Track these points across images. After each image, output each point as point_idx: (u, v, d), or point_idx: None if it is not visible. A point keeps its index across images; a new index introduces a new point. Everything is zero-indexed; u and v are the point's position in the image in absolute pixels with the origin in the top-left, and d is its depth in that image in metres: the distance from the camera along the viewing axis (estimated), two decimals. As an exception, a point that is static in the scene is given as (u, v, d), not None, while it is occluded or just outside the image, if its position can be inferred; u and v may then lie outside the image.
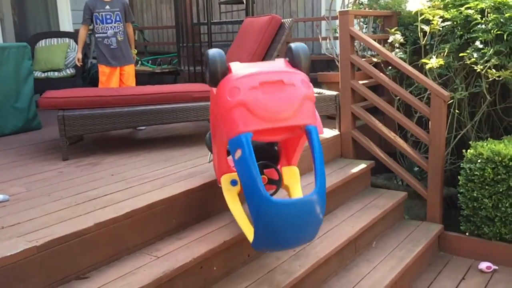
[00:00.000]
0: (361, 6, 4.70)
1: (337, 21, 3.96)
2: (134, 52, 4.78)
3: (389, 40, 4.16)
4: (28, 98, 4.44)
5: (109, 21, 4.47)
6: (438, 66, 3.72)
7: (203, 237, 2.44)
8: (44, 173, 3.03)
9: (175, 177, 2.84)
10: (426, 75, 3.79)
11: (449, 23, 3.84)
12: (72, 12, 6.68)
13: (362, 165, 3.72)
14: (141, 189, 2.62)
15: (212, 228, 2.54)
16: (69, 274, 2.04)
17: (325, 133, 3.82)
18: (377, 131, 3.87)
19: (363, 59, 4.03)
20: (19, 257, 1.87)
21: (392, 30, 4.14)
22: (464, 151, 3.38)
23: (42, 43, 6.07)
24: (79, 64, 4.75)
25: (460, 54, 3.76)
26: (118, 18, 4.50)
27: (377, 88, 4.33)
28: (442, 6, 3.96)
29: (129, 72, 4.66)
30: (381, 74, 3.87)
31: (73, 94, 3.52)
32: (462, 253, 3.49)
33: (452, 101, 3.78)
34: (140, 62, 6.57)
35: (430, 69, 3.78)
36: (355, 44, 4.14)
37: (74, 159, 3.37)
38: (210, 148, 2.72)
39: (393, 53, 4.05)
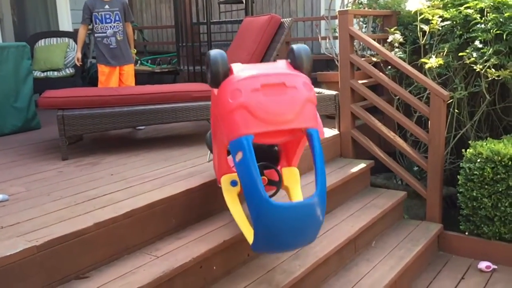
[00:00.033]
0: (361, 5, 4.70)
1: (337, 20, 3.96)
2: (133, 51, 4.77)
3: (389, 40, 4.16)
4: (27, 97, 4.44)
5: (108, 20, 4.47)
6: (437, 65, 3.72)
7: (202, 237, 2.44)
8: (43, 173, 3.03)
9: (175, 176, 2.84)
10: (425, 74, 3.79)
11: (448, 22, 3.85)
12: (72, 11, 6.68)
13: (362, 165, 3.72)
14: (141, 189, 2.62)
15: (211, 228, 2.55)
16: (69, 273, 2.04)
17: (325, 132, 3.82)
18: (376, 131, 3.87)
19: (363, 59, 4.03)
20: (18, 256, 1.87)
21: (392, 29, 4.15)
22: (463, 150, 3.38)
23: (42, 42, 6.07)
24: (78, 63, 4.75)
25: (460, 54, 3.76)
26: (117, 18, 4.49)
27: (377, 88, 4.33)
28: (441, 5, 3.96)
29: (129, 71, 4.66)
30: (381, 73, 3.87)
31: (72, 94, 3.52)
32: (462, 253, 3.50)
33: (451, 100, 3.78)
34: (139, 61, 6.56)
35: (430, 68, 3.78)
36: (355, 43, 4.14)
37: (74, 158, 3.37)
38: (210, 147, 2.71)
39: (393, 52, 4.05)
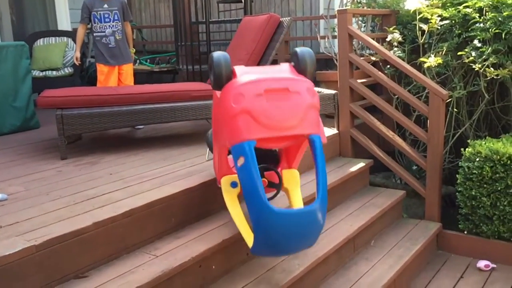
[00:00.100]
0: (360, 5, 4.70)
1: (336, 20, 3.95)
2: (132, 51, 4.77)
3: (388, 39, 4.16)
4: (26, 97, 4.44)
5: (107, 20, 4.46)
6: (436, 64, 3.72)
7: (202, 236, 2.44)
8: (42, 172, 3.03)
9: (174, 176, 2.84)
10: (424, 73, 3.79)
11: (447, 21, 3.85)
12: (70, 11, 6.67)
13: (361, 164, 3.72)
14: (140, 188, 2.62)
15: (211, 227, 2.55)
16: (68, 273, 2.04)
17: (324, 132, 3.82)
18: (375, 130, 3.87)
19: (362, 58, 4.03)
20: (17, 256, 1.87)
21: (391, 28, 4.15)
22: (462, 149, 3.38)
23: (40, 42, 6.06)
24: (77, 63, 4.75)
25: (459, 53, 3.76)
26: (116, 17, 4.49)
27: (376, 87, 4.34)
28: (440, 4, 3.96)
29: (128, 71, 4.65)
30: (380, 73, 3.87)
31: (71, 93, 3.51)
32: (461, 252, 3.50)
33: (450, 99, 3.78)
34: (138, 61, 6.56)
35: (429, 67, 3.78)
36: (354, 43, 4.14)
37: (73, 158, 3.37)
38: (210, 146, 2.70)
39: (392, 51, 4.05)
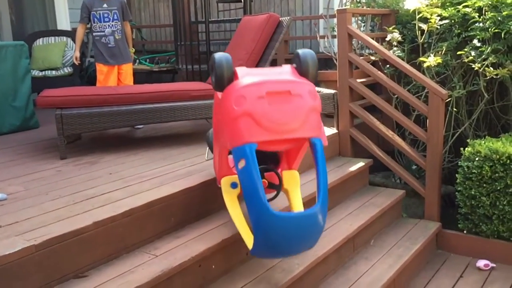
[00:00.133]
0: (359, 4, 4.70)
1: (335, 19, 3.96)
2: (132, 50, 4.77)
3: (387, 39, 4.16)
4: (25, 97, 4.44)
5: (106, 19, 4.46)
6: (436, 64, 3.72)
7: (201, 236, 2.44)
8: (42, 172, 3.03)
9: (174, 175, 2.84)
10: (424, 73, 3.79)
11: (446, 21, 3.85)
12: (70, 10, 6.67)
13: (360, 164, 3.72)
14: (139, 188, 2.62)
15: (210, 227, 2.55)
16: (68, 273, 2.04)
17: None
18: (375, 130, 3.87)
19: (361, 58, 4.03)
20: (17, 256, 1.87)
21: (390, 28, 4.15)
22: (462, 149, 3.38)
23: (40, 41, 6.06)
24: (77, 62, 4.75)
25: (458, 53, 3.76)
26: (115, 17, 4.49)
27: (375, 87, 4.34)
28: (439, 4, 3.96)
29: (127, 70, 4.65)
30: (379, 72, 3.87)
31: (71, 93, 3.51)
32: (460, 251, 3.50)
33: (450, 99, 3.78)
34: (138, 60, 6.56)
35: (428, 67, 3.78)
36: (353, 42, 4.14)
37: (72, 158, 3.37)
38: (210, 146, 2.70)
39: (391, 51, 4.05)
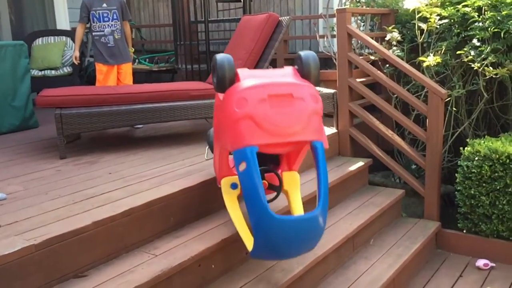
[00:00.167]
0: (359, 4, 4.70)
1: (335, 19, 3.95)
2: (131, 50, 4.77)
3: (387, 38, 4.16)
4: (25, 96, 4.44)
5: (106, 19, 4.46)
6: (435, 64, 3.72)
7: (201, 235, 2.44)
8: (41, 172, 3.03)
9: (173, 175, 2.84)
10: (423, 73, 3.80)
11: (446, 21, 3.85)
12: (69, 10, 6.67)
13: (360, 163, 3.72)
14: (139, 187, 2.62)
15: (210, 226, 2.55)
16: (67, 272, 2.04)
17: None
18: (374, 129, 3.87)
19: (361, 57, 4.03)
20: (17, 255, 1.87)
21: (390, 28, 4.14)
22: (461, 148, 3.38)
23: (39, 41, 6.05)
24: (76, 62, 4.74)
25: (458, 52, 3.76)
26: (115, 16, 4.48)
27: (375, 86, 4.34)
28: (439, 3, 3.96)
29: (127, 70, 4.65)
30: (379, 72, 3.87)
31: (70, 93, 3.51)
32: (460, 251, 3.50)
33: (449, 98, 3.78)
34: (137, 60, 6.56)
35: (428, 67, 3.78)
36: (353, 42, 4.14)
37: (72, 157, 3.36)
38: (211, 145, 2.70)
39: (391, 51, 4.05)
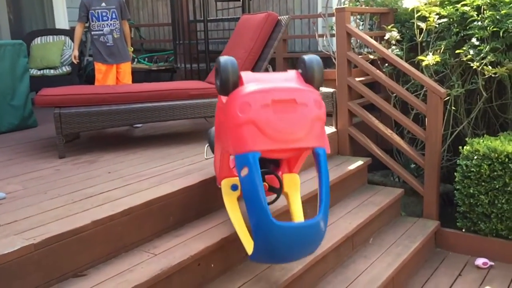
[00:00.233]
0: (358, 3, 4.70)
1: (334, 18, 3.96)
2: (130, 49, 4.77)
3: (386, 37, 4.16)
4: (24, 95, 4.43)
5: (105, 18, 4.46)
6: (434, 63, 3.73)
7: (200, 234, 2.44)
8: (40, 171, 3.03)
9: (173, 174, 2.84)
10: (422, 72, 3.80)
11: (445, 20, 3.85)
12: (68, 9, 6.66)
13: (359, 162, 3.72)
14: (138, 187, 2.62)
15: (209, 225, 2.55)
16: (67, 271, 2.04)
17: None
18: (373, 128, 3.87)
19: (360, 56, 4.03)
20: (16, 254, 1.87)
21: (389, 27, 4.14)
22: (460, 147, 3.39)
23: (38, 40, 6.04)
24: (75, 61, 4.74)
25: (457, 51, 3.77)
26: (114, 16, 4.48)
27: (374, 85, 4.33)
28: (438, 3, 3.96)
29: (126, 69, 4.65)
30: (378, 71, 3.87)
31: (69, 92, 3.50)
32: (459, 250, 3.51)
33: (448, 98, 3.78)
34: (136, 59, 6.55)
35: (427, 66, 3.78)
36: (352, 41, 4.14)
37: (71, 157, 3.36)
38: (212, 145, 2.69)
39: (390, 50, 4.05)
